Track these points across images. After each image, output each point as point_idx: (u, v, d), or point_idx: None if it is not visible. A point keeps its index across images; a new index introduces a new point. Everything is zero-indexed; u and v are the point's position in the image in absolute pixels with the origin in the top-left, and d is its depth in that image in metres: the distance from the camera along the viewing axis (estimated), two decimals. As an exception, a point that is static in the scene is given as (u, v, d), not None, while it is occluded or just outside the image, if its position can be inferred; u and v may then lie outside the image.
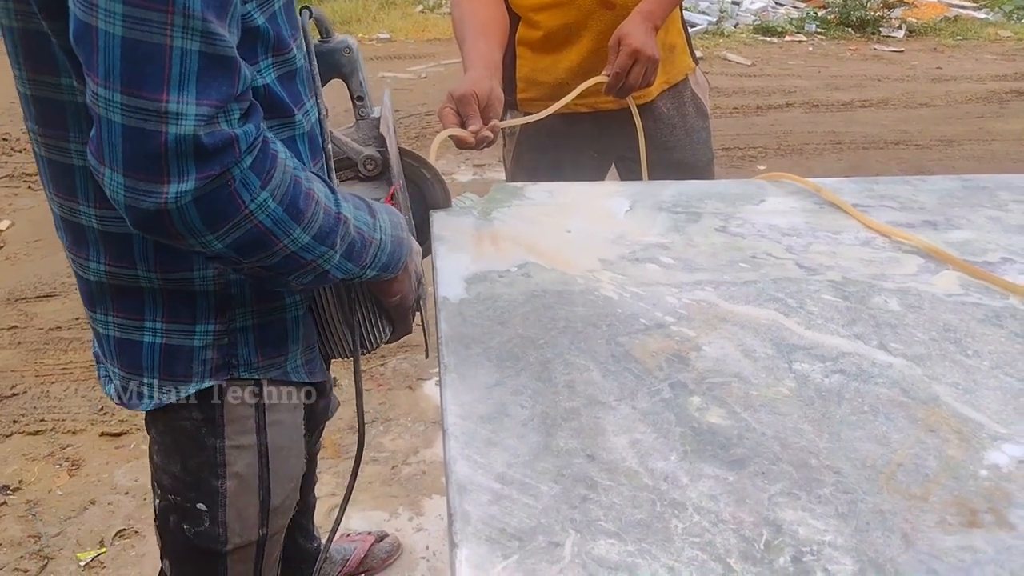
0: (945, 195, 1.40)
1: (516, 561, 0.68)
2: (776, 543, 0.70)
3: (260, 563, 1.10)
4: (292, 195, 0.81)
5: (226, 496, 1.03)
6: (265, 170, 0.78)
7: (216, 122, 0.73)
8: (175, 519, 1.06)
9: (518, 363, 0.93)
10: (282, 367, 1.02)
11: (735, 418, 0.85)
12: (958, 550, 0.70)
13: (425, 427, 2.31)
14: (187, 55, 0.71)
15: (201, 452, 1.01)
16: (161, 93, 0.70)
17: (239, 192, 0.76)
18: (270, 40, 0.87)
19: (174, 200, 0.73)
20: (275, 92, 0.90)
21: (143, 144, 0.71)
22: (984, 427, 0.85)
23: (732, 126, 5.11)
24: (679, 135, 1.78)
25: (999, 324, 1.03)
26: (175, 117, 0.71)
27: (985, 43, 8.03)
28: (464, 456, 0.79)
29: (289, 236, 0.81)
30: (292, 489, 1.11)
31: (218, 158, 0.74)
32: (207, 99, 0.72)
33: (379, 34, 7.66)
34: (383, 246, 0.94)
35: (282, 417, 1.04)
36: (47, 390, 2.46)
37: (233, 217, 0.77)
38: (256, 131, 0.77)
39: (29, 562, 1.87)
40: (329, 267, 0.87)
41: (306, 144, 0.96)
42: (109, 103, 0.71)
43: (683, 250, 1.19)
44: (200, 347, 0.96)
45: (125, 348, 0.97)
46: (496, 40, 1.57)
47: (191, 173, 0.73)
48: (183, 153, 0.72)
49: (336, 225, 0.86)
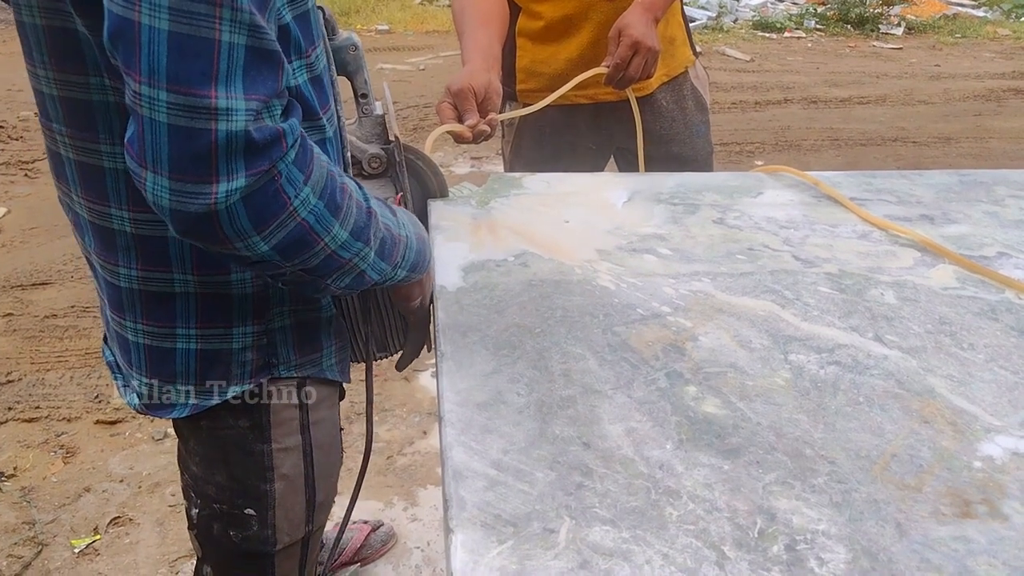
0: (942, 190, 1.40)
1: (511, 547, 0.68)
2: (770, 531, 0.70)
3: (305, 558, 1.10)
4: (331, 189, 0.79)
5: (275, 499, 1.02)
6: (306, 164, 0.76)
7: (262, 118, 0.71)
8: (220, 527, 1.04)
9: (515, 351, 0.93)
10: (318, 364, 1.01)
11: (730, 408, 0.85)
12: (951, 540, 0.71)
13: (420, 418, 2.31)
14: (234, 49, 0.69)
15: (248, 458, 1.00)
16: (209, 89, 0.68)
17: (284, 188, 0.74)
18: (301, 41, 0.86)
19: (224, 200, 0.70)
20: (305, 94, 0.88)
21: (191, 143, 0.68)
22: (978, 419, 0.85)
23: (730, 121, 5.11)
24: (678, 128, 1.78)
25: (994, 318, 1.03)
26: (225, 113, 0.68)
27: (984, 41, 8.03)
28: (460, 443, 0.79)
29: (329, 233, 0.79)
30: (333, 483, 1.11)
31: (267, 153, 0.71)
32: (255, 94, 0.70)
33: (378, 25, 7.64)
34: (409, 243, 0.92)
35: (323, 415, 1.04)
36: (42, 378, 2.46)
37: (280, 214, 0.74)
38: (299, 127, 0.76)
39: (23, 548, 1.87)
40: (365, 266, 0.85)
41: (335, 147, 0.95)
42: (154, 102, 0.67)
43: (681, 241, 1.19)
44: (239, 349, 0.94)
45: (156, 355, 0.94)
46: (496, 31, 1.57)
47: (241, 170, 0.70)
48: (234, 150, 0.69)
49: (369, 221, 0.84)
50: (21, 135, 4.49)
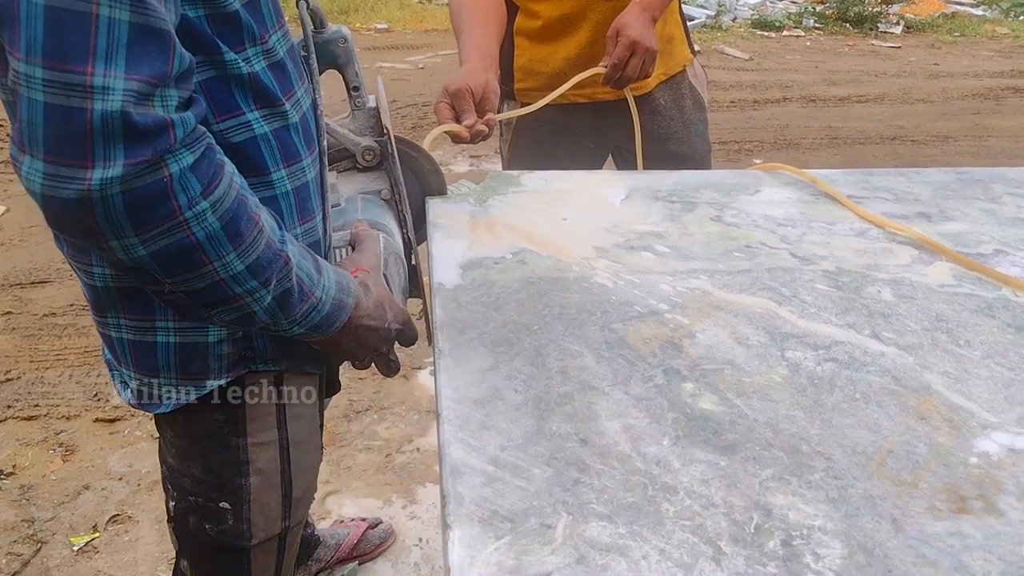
0: (940, 187, 1.40)
1: (508, 542, 0.68)
2: (766, 527, 0.71)
3: (282, 555, 1.10)
4: (235, 214, 0.75)
5: (250, 493, 1.02)
6: (208, 177, 0.72)
7: (149, 102, 0.68)
8: (195, 519, 1.04)
9: (512, 348, 0.93)
10: (295, 357, 1.00)
11: (727, 404, 0.86)
12: (947, 535, 0.71)
13: (419, 416, 2.32)
14: (115, 24, 0.65)
15: (223, 452, 0.99)
16: (86, 65, 0.64)
17: (175, 192, 0.70)
18: (254, 28, 0.85)
19: (99, 187, 0.66)
20: (263, 81, 0.87)
21: (66, 122, 0.65)
22: (975, 415, 0.86)
23: (729, 120, 5.11)
24: (676, 127, 1.78)
25: (991, 315, 1.03)
26: (101, 91, 0.65)
27: (982, 40, 8.04)
28: (458, 439, 0.79)
29: (221, 259, 0.76)
30: (312, 480, 1.11)
31: (149, 141, 0.67)
32: (137, 74, 0.67)
33: (377, 24, 7.64)
34: (320, 306, 0.87)
35: (301, 411, 1.04)
36: (41, 376, 2.46)
37: (164, 221, 0.71)
38: (195, 120, 0.72)
39: (22, 546, 1.87)
40: (257, 308, 0.82)
41: (299, 133, 0.94)
42: (31, 80, 0.65)
43: (678, 239, 1.19)
44: (215, 343, 0.93)
45: (140, 350, 0.94)
46: (493, 30, 1.57)
47: (119, 157, 0.66)
48: (110, 132, 0.66)
49: (274, 261, 0.80)
50: (20, 134, 4.49)
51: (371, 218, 1.10)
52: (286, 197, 0.93)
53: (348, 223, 1.08)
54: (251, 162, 0.88)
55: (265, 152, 0.89)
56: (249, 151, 0.88)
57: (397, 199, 1.16)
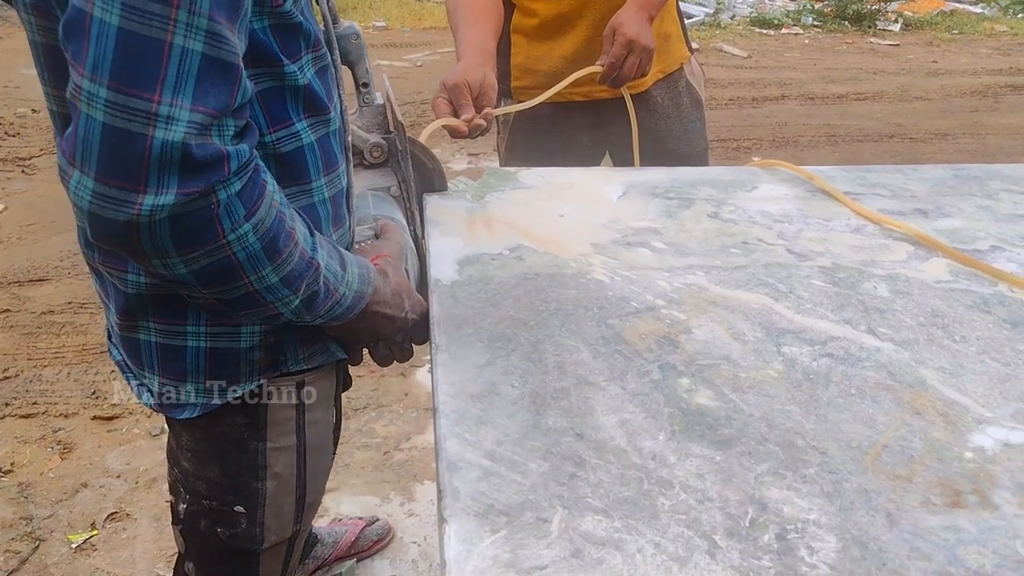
0: (936, 184, 1.40)
1: (504, 536, 0.68)
2: (761, 521, 0.71)
3: (289, 557, 1.10)
4: (274, 232, 0.76)
5: (266, 497, 1.01)
6: (252, 200, 0.73)
7: (208, 134, 0.68)
8: (207, 523, 1.03)
9: (509, 344, 0.93)
10: (326, 351, 1.00)
11: (723, 399, 0.86)
12: (941, 529, 0.71)
13: (417, 414, 2.32)
14: (187, 55, 0.66)
15: (242, 456, 0.99)
16: (154, 92, 0.65)
17: (221, 219, 0.71)
18: (311, 36, 0.85)
19: (148, 214, 0.67)
20: (315, 89, 0.87)
21: (125, 147, 0.65)
22: (970, 410, 0.86)
23: (727, 118, 5.11)
24: (673, 125, 1.78)
25: (987, 311, 1.03)
26: (165, 120, 0.65)
27: (981, 37, 8.04)
28: (454, 434, 0.79)
29: (258, 274, 0.77)
30: (323, 484, 1.11)
31: (204, 174, 0.68)
32: (203, 106, 0.67)
33: (375, 22, 7.64)
34: (343, 300, 0.89)
35: (319, 416, 1.04)
36: (39, 373, 2.46)
37: (208, 244, 0.72)
38: (249, 153, 0.73)
39: (20, 544, 1.87)
40: (285, 311, 0.84)
41: (339, 140, 0.94)
42: (92, 98, 0.65)
43: (675, 235, 1.19)
44: (247, 348, 0.93)
45: (168, 354, 0.93)
46: (490, 27, 1.57)
47: (172, 186, 0.67)
48: (168, 162, 0.66)
49: (306, 271, 0.82)
50: (18, 131, 4.49)
51: (383, 214, 1.10)
52: (324, 205, 0.94)
53: (363, 219, 1.08)
54: (297, 172, 0.89)
55: (310, 162, 0.90)
56: (296, 161, 0.89)
57: (406, 196, 1.16)
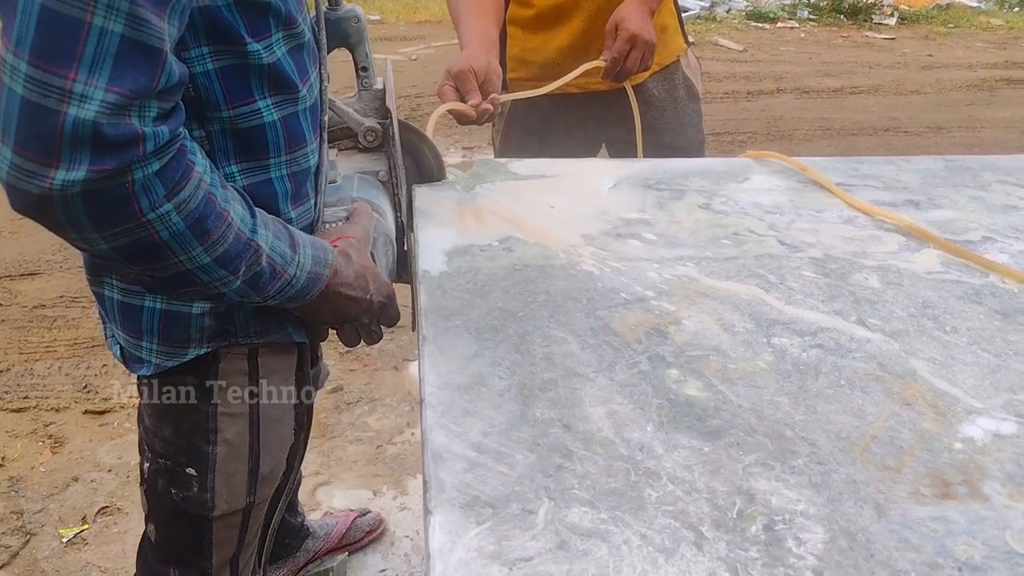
0: (928, 175, 1.40)
1: (489, 528, 0.68)
2: (749, 512, 0.70)
3: (245, 530, 1.11)
4: (201, 213, 0.77)
5: (215, 461, 1.03)
6: (174, 180, 0.74)
7: (126, 114, 0.69)
8: (163, 483, 1.06)
9: (497, 335, 0.93)
10: (282, 329, 1.01)
11: (712, 390, 0.85)
12: (930, 520, 0.71)
13: (410, 407, 2.31)
14: (106, 35, 0.67)
15: (193, 416, 1.01)
16: (70, 70, 0.66)
17: (137, 196, 0.72)
18: (282, 14, 0.86)
19: (60, 188, 0.69)
20: (284, 68, 0.88)
21: (39, 121, 0.67)
22: (960, 401, 0.85)
23: (723, 111, 5.11)
24: (670, 118, 1.77)
25: (978, 301, 1.03)
26: (79, 98, 0.67)
27: (976, 31, 8.04)
28: (440, 425, 0.79)
29: (187, 253, 0.78)
30: (280, 459, 1.11)
31: (116, 153, 0.69)
32: (119, 87, 0.68)
33: (370, 16, 7.61)
34: (294, 281, 0.89)
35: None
36: (31, 368, 2.45)
37: (125, 222, 0.73)
38: (170, 135, 0.73)
39: (11, 538, 1.86)
40: (227, 291, 0.84)
41: (308, 118, 0.95)
42: (14, 71, 0.67)
43: (666, 226, 1.19)
44: (198, 314, 0.95)
45: (127, 312, 0.96)
46: (491, 18, 1.56)
47: (83, 163, 0.68)
48: (80, 139, 0.67)
49: (244, 252, 0.82)
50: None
51: (366, 198, 1.09)
52: (281, 181, 0.94)
53: (342, 200, 1.08)
54: (255, 147, 0.90)
55: (270, 140, 0.91)
56: (254, 137, 0.90)
57: (394, 182, 1.15)
